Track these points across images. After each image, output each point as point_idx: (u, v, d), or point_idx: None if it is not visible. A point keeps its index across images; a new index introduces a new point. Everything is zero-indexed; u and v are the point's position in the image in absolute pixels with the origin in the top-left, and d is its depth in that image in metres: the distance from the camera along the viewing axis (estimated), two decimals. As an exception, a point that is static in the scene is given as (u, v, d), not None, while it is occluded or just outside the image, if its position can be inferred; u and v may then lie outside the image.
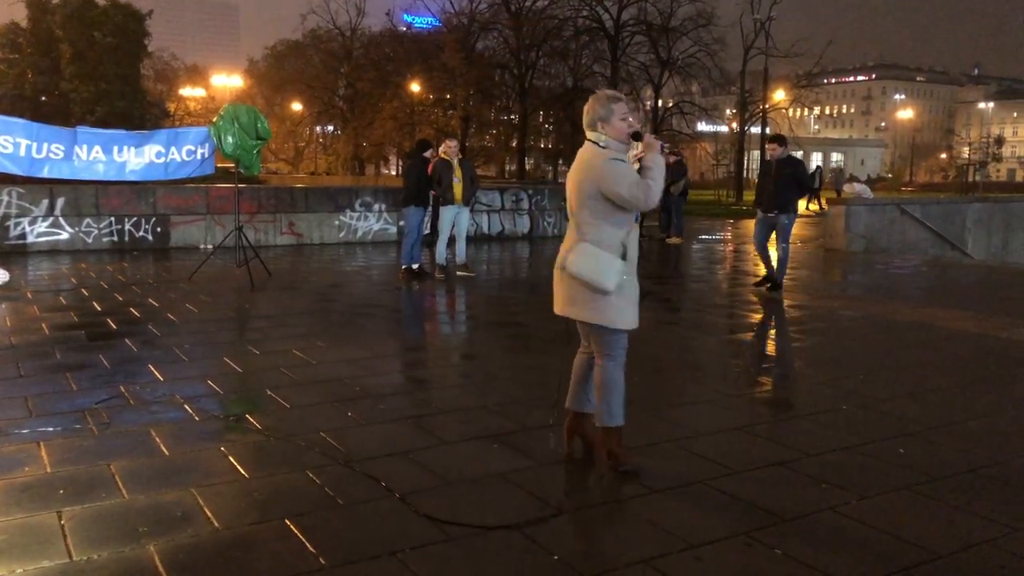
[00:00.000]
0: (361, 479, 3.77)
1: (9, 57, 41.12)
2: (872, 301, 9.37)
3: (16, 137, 9.12)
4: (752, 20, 44.34)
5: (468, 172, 10.60)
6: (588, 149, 3.77)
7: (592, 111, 3.77)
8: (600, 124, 3.75)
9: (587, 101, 3.81)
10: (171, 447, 4.16)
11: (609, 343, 3.81)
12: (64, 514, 3.34)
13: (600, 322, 3.75)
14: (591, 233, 3.71)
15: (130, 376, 5.52)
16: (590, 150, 3.76)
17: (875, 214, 16.02)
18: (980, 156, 73.79)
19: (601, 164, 3.67)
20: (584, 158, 3.77)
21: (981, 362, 6.42)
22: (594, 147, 3.76)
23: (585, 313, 3.77)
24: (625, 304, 3.75)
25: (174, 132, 10.54)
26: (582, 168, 3.74)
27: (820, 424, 4.73)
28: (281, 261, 12.35)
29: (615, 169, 3.65)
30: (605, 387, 3.84)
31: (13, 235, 12.83)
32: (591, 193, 3.69)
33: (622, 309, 3.74)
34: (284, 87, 60.16)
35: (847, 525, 3.37)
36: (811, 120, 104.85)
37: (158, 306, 8.29)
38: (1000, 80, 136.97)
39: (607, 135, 3.74)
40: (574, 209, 3.78)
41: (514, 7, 45.76)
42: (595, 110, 3.76)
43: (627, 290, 3.74)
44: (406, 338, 7.45)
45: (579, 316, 3.80)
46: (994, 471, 4.01)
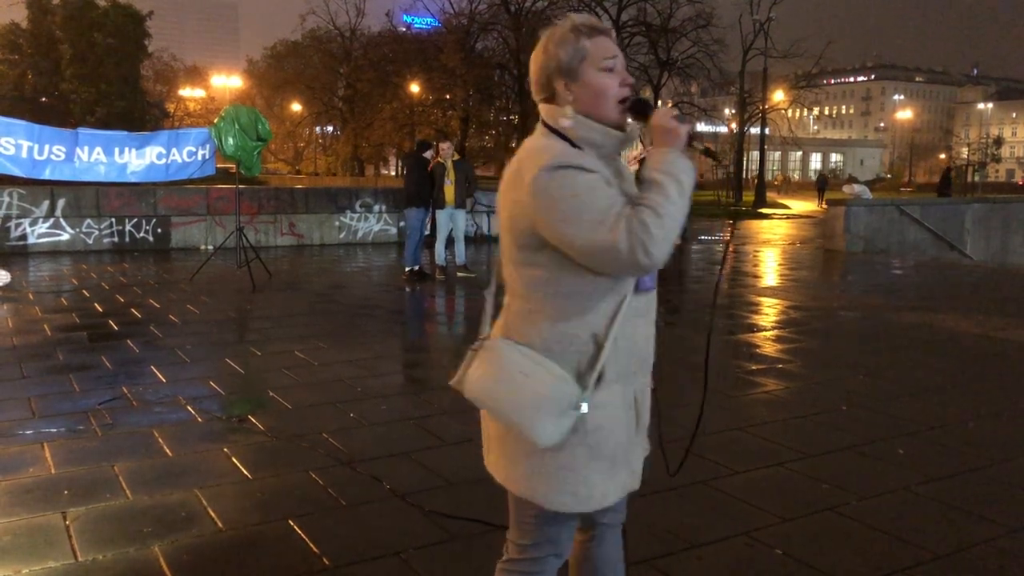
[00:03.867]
0: (364, 479, 3.79)
1: (9, 58, 41.18)
2: (871, 302, 9.39)
3: (17, 139, 9.16)
4: (751, 21, 44.38)
5: (464, 173, 10.62)
6: (522, 149, 1.84)
7: (547, 59, 1.84)
8: (565, 84, 1.82)
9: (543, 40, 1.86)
10: (174, 448, 4.18)
11: (528, 528, 1.94)
12: (69, 515, 3.36)
13: (525, 494, 1.88)
14: (528, 317, 1.85)
15: (132, 377, 5.54)
16: (532, 145, 1.84)
17: (874, 215, 16.04)
18: (979, 157, 73.86)
19: (535, 178, 1.73)
20: (508, 171, 1.83)
21: (980, 363, 6.45)
22: (535, 142, 1.85)
23: (510, 472, 1.91)
24: (583, 463, 1.83)
25: (175, 133, 10.57)
26: (505, 189, 1.83)
27: (819, 425, 4.76)
28: (282, 262, 12.37)
29: (561, 188, 1.71)
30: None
31: (14, 236, 12.85)
32: (527, 240, 1.79)
33: (572, 473, 1.83)
34: (283, 88, 60.25)
35: (847, 525, 3.39)
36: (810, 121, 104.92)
37: (159, 307, 8.31)
38: (999, 80, 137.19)
39: (573, 106, 1.81)
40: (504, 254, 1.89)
41: (513, 8, 45.81)
42: (554, 56, 1.82)
43: (592, 438, 1.82)
44: (407, 339, 7.47)
45: (497, 475, 1.96)
46: (993, 471, 4.03)
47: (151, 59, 50.01)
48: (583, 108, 1.80)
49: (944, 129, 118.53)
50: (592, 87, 1.80)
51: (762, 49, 43.37)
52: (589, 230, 1.67)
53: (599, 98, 1.80)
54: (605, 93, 1.80)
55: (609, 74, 1.81)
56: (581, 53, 1.80)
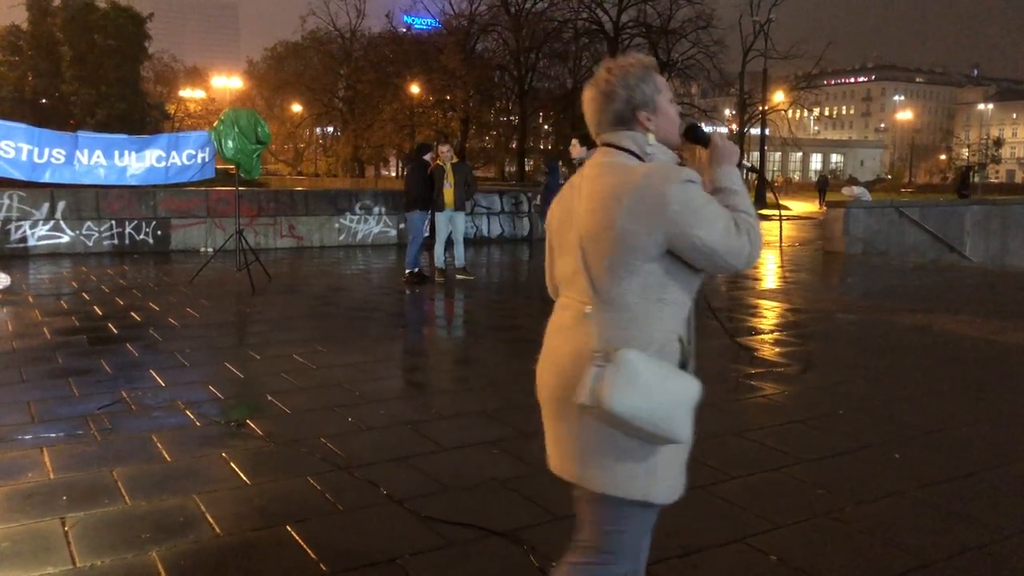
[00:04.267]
0: (361, 485, 3.80)
1: (10, 59, 41.24)
2: (870, 304, 9.40)
3: (18, 142, 9.18)
4: (751, 22, 44.42)
5: (463, 176, 10.64)
6: (618, 168, 2.03)
7: (630, 93, 2.04)
8: (644, 115, 2.05)
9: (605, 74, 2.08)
10: (173, 453, 4.19)
11: (622, 530, 2.08)
12: (67, 520, 3.37)
13: (631, 494, 2.00)
14: (632, 326, 1.97)
15: (132, 381, 5.56)
16: (626, 169, 2.01)
17: (874, 216, 16.06)
18: (979, 158, 73.90)
19: (671, 191, 1.93)
20: (616, 185, 1.99)
21: (979, 366, 6.46)
22: (627, 162, 2.04)
23: (608, 478, 2.00)
24: (679, 454, 2.06)
25: (175, 137, 10.60)
26: (617, 202, 1.96)
27: (817, 429, 4.77)
28: (281, 264, 12.39)
29: (697, 199, 1.96)
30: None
31: (14, 238, 12.87)
32: (645, 250, 1.95)
33: (669, 467, 2.03)
34: (284, 88, 60.33)
35: (842, 530, 3.41)
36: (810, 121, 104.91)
37: (159, 310, 8.33)
38: (999, 81, 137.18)
39: (655, 134, 2.07)
40: (591, 276, 2.01)
41: (514, 9, 45.90)
42: (637, 90, 2.04)
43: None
44: (406, 343, 7.49)
45: (592, 484, 2.03)
46: (989, 476, 4.05)
47: (151, 60, 50.08)
48: (659, 135, 2.08)
49: (944, 130, 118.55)
50: (667, 116, 2.08)
51: (762, 50, 43.37)
52: (724, 234, 1.96)
53: (671, 126, 2.10)
54: (674, 122, 2.10)
55: (672, 105, 2.11)
56: (658, 87, 2.08)
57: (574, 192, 2.10)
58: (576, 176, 2.15)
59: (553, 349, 2.10)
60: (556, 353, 2.08)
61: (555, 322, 2.14)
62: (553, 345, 2.11)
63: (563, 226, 2.12)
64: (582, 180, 2.09)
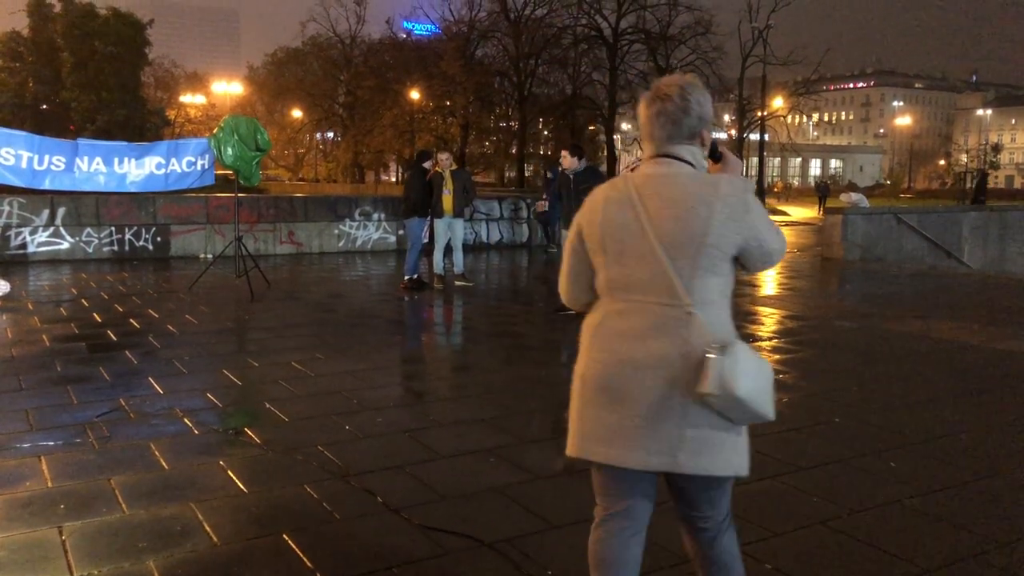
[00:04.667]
0: (358, 493, 3.81)
1: (10, 66, 41.31)
2: (868, 311, 9.42)
3: (17, 149, 9.20)
4: (750, 28, 44.59)
5: (462, 182, 10.66)
6: (692, 177, 2.23)
7: (704, 112, 2.26)
8: (705, 131, 2.28)
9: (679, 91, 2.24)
10: (170, 461, 4.20)
11: (727, 499, 2.38)
12: (65, 529, 3.38)
13: (737, 471, 2.29)
14: (719, 321, 2.20)
15: (130, 389, 5.57)
16: (704, 178, 2.24)
17: (872, 223, 16.08)
18: (978, 163, 73.97)
19: (750, 198, 2.21)
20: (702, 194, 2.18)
21: (976, 374, 6.47)
22: (691, 172, 2.25)
23: (711, 461, 2.22)
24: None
25: (174, 144, 10.62)
26: (707, 208, 2.15)
27: (813, 437, 4.78)
28: (281, 271, 12.40)
29: (761, 206, 2.25)
30: (730, 567, 2.41)
31: (14, 245, 12.89)
32: (727, 252, 2.18)
33: (747, 446, 2.34)
34: (284, 94, 60.44)
35: (837, 540, 3.42)
36: (810, 127, 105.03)
37: (158, 317, 8.34)
38: (998, 87, 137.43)
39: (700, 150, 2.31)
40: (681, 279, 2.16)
41: (513, 15, 46.00)
42: (704, 106, 2.26)
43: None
44: (404, 350, 7.50)
45: (699, 468, 2.21)
46: (985, 485, 4.06)
47: (152, 66, 50.17)
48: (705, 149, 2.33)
49: (943, 135, 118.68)
50: (710, 135, 2.30)
51: (761, 56, 43.53)
52: (777, 237, 2.25)
53: (708, 143, 2.32)
54: (707, 143, 2.32)
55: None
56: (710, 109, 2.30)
57: (635, 201, 2.21)
58: (621, 187, 2.27)
59: (639, 341, 2.18)
60: (650, 342, 2.17)
61: (626, 328, 2.21)
62: (638, 335, 2.19)
63: (622, 232, 2.21)
64: (641, 189, 2.22)
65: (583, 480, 4.01)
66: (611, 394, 2.21)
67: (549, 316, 8.93)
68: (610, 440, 2.22)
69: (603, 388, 2.23)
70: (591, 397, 2.26)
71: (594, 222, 2.28)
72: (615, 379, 2.20)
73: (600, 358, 2.25)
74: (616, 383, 2.20)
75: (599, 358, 2.25)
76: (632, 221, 2.20)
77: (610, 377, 2.21)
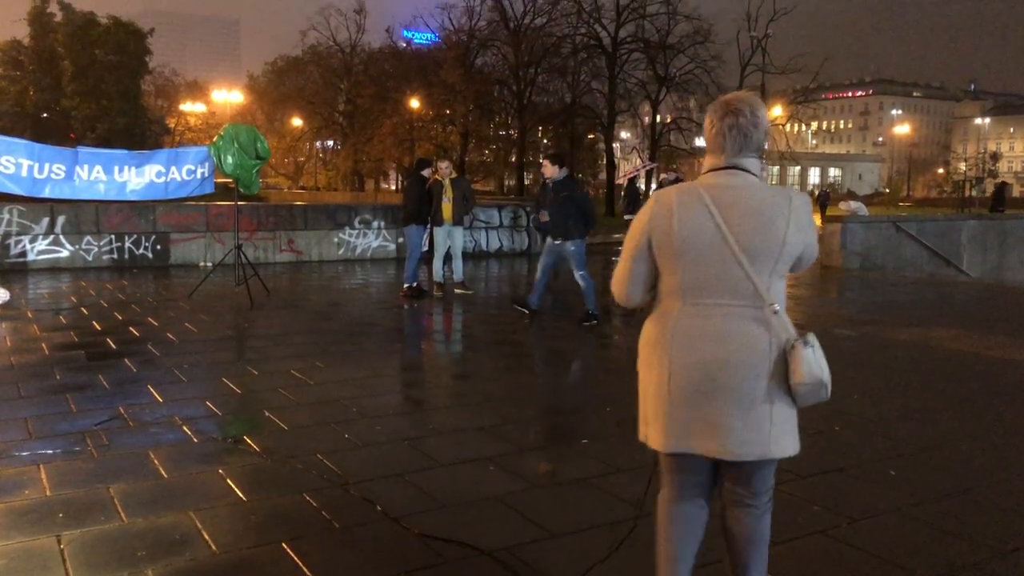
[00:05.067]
0: (357, 502, 3.81)
1: (11, 74, 41.39)
2: (867, 320, 9.42)
3: (18, 158, 9.21)
4: (749, 37, 44.75)
5: (461, 190, 10.68)
6: (764, 188, 2.43)
7: (765, 123, 2.46)
8: (766, 145, 2.50)
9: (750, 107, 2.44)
10: (170, 470, 4.20)
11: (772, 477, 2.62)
12: (63, 538, 3.38)
13: (794, 451, 2.54)
14: (787, 318, 2.45)
15: (129, 397, 5.57)
16: (775, 189, 2.46)
17: (871, 231, 16.11)
18: (976, 172, 74.10)
19: (809, 210, 2.44)
20: (770, 200, 2.39)
21: (976, 382, 6.47)
22: (758, 183, 2.44)
23: (788, 444, 2.50)
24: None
25: (174, 152, 10.64)
26: (784, 214, 2.37)
27: (812, 446, 4.77)
28: (280, 279, 12.41)
29: (813, 220, 2.51)
30: (765, 543, 2.63)
31: (14, 253, 12.90)
32: (793, 258, 2.43)
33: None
34: (284, 102, 60.61)
35: (837, 548, 3.41)
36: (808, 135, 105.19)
37: (157, 325, 8.34)
38: (996, 96, 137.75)
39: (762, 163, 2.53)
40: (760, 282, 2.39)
41: (513, 24, 46.12)
42: (765, 121, 2.46)
43: None
44: (404, 358, 7.49)
45: (782, 452, 2.48)
46: (984, 494, 4.05)
47: (152, 75, 50.32)
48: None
49: (942, 144, 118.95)
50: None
51: (760, 65, 43.74)
52: (818, 245, 2.53)
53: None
54: None
55: None
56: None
57: (712, 210, 2.37)
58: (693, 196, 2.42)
59: (727, 341, 2.38)
60: (738, 341, 2.38)
61: (710, 329, 2.40)
62: (724, 336, 2.38)
63: (700, 238, 2.37)
64: (719, 200, 2.39)
65: (581, 489, 4.01)
66: (708, 392, 2.39)
67: (548, 325, 8.93)
68: (708, 434, 2.41)
69: (695, 388, 2.40)
70: (682, 397, 2.42)
71: (669, 229, 2.40)
72: (707, 379, 2.38)
73: (687, 360, 2.41)
74: (708, 383, 2.38)
75: (686, 360, 2.41)
76: (711, 229, 2.36)
77: (702, 377, 2.39)
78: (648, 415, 2.54)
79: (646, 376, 2.55)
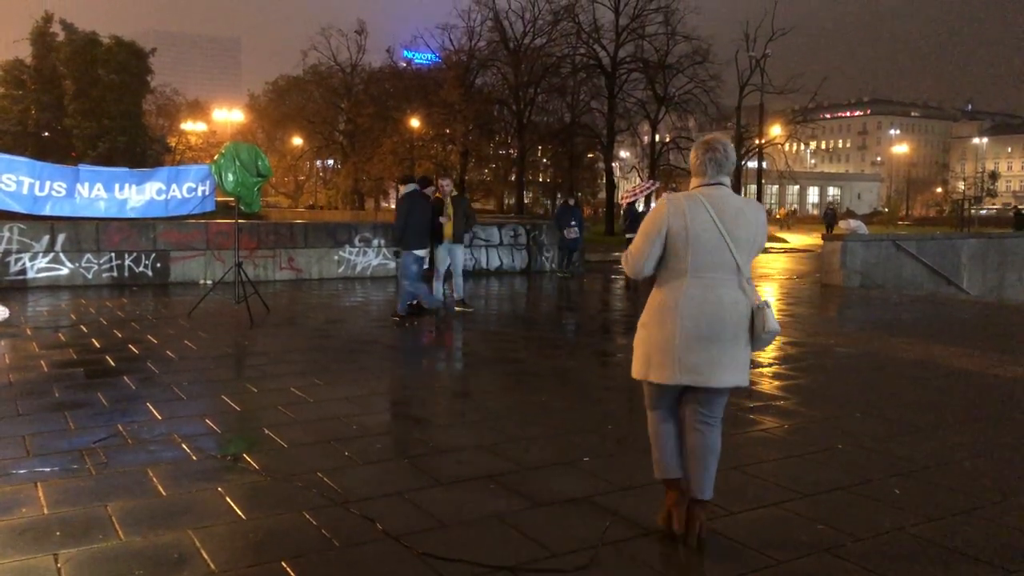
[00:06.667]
0: (357, 520, 3.77)
1: (13, 93, 41.55)
2: (868, 338, 9.40)
3: (19, 175, 9.21)
4: (747, 57, 45.01)
5: (462, 209, 10.67)
6: (742, 198, 3.52)
7: (732, 156, 3.52)
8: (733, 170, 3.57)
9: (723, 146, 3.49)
10: (168, 487, 4.16)
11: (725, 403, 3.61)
12: (60, 556, 3.34)
13: (746, 383, 3.54)
14: (753, 287, 3.46)
15: (128, 415, 5.54)
16: (748, 199, 3.60)
17: (871, 250, 16.11)
18: (975, 191, 74.28)
19: (764, 212, 3.55)
20: (747, 207, 3.47)
21: (978, 400, 6.44)
22: (732, 193, 3.51)
23: (743, 375, 3.48)
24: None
25: (175, 170, 10.64)
26: (757, 217, 3.47)
27: (816, 463, 4.75)
28: (280, 297, 12.39)
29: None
30: (716, 455, 3.55)
31: (14, 270, 12.89)
32: (761, 244, 3.52)
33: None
34: (285, 122, 60.77)
35: (842, 567, 3.38)
36: (807, 155, 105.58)
37: (157, 343, 8.31)
38: (993, 115, 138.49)
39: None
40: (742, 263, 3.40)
41: (512, 44, 46.37)
42: (733, 153, 3.54)
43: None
44: (404, 375, 7.46)
45: (742, 380, 3.47)
46: (989, 511, 4.02)
47: (153, 94, 50.48)
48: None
49: (940, 163, 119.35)
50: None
51: (758, 85, 43.91)
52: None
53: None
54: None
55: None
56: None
57: (710, 211, 3.37)
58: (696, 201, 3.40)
59: (724, 304, 3.37)
60: (730, 304, 3.38)
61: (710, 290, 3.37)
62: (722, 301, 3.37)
63: (706, 232, 3.36)
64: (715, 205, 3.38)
65: (582, 508, 3.98)
66: (709, 339, 3.36)
67: (548, 343, 8.89)
68: (704, 369, 3.39)
69: (703, 336, 3.36)
70: (689, 344, 3.37)
71: (684, 225, 3.37)
72: (712, 329, 3.36)
73: (699, 315, 3.36)
74: (712, 332, 3.36)
75: (698, 315, 3.36)
76: (709, 224, 3.36)
77: (709, 327, 3.36)
78: (652, 360, 3.49)
79: (656, 332, 3.47)
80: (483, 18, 46.86)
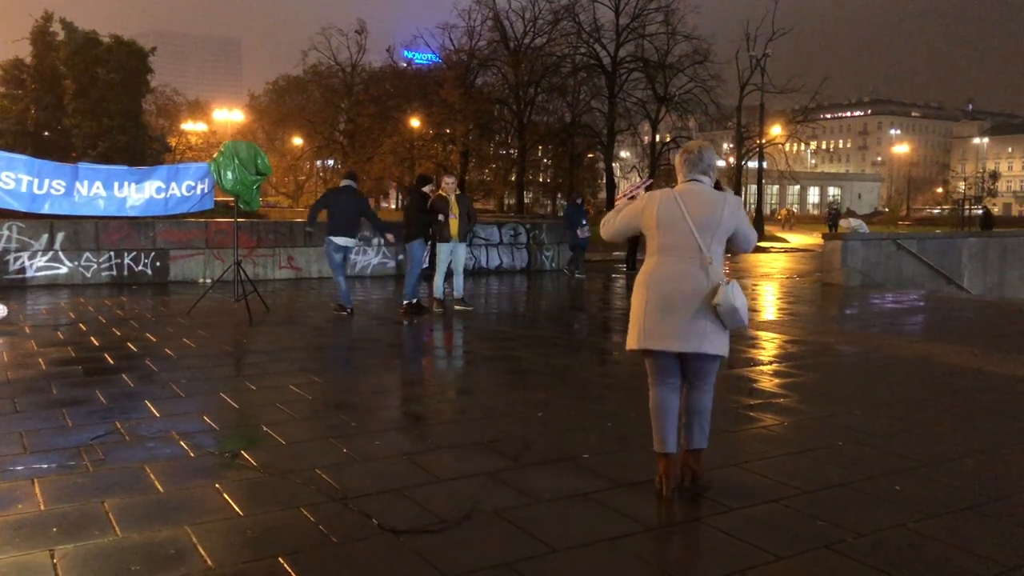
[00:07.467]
0: (355, 516, 3.75)
1: (13, 92, 41.49)
2: (869, 336, 9.38)
3: (18, 173, 9.20)
4: (748, 57, 44.96)
5: (465, 208, 10.67)
6: (711, 190, 3.99)
7: (707, 158, 4.04)
8: (710, 172, 4.05)
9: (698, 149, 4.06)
10: (166, 484, 4.15)
11: (715, 372, 4.08)
12: (57, 553, 3.32)
13: (724, 353, 3.99)
14: (720, 270, 3.91)
15: (126, 412, 5.52)
16: (715, 191, 4.01)
17: (871, 248, 16.09)
18: (975, 191, 74.24)
19: (738, 203, 4.03)
20: (714, 196, 3.96)
21: (979, 397, 6.43)
22: (711, 188, 4.02)
23: (715, 346, 3.92)
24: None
25: (174, 168, 10.62)
26: (722, 204, 3.94)
27: (816, 461, 4.73)
28: (279, 295, 12.38)
29: (745, 214, 4.11)
30: (709, 412, 4.09)
31: (12, 269, 12.88)
32: (728, 232, 3.97)
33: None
34: (285, 122, 60.69)
35: (842, 564, 3.36)
36: (808, 155, 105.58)
37: (156, 341, 8.30)
38: (994, 115, 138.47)
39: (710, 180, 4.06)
40: (705, 245, 3.88)
41: (513, 44, 46.36)
42: (709, 157, 4.05)
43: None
44: (403, 373, 7.45)
45: (710, 350, 3.91)
46: (990, 508, 4.00)
47: (153, 94, 50.41)
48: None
49: (940, 163, 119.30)
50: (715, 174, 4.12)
51: (759, 84, 43.86)
52: (752, 232, 4.10)
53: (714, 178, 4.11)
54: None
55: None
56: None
57: (679, 202, 3.94)
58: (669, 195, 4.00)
59: (682, 279, 3.89)
60: (687, 280, 3.88)
61: (671, 267, 3.93)
62: (680, 276, 3.90)
63: (672, 218, 3.92)
64: (684, 196, 3.96)
65: (583, 504, 3.96)
66: (667, 310, 3.89)
67: (548, 340, 8.88)
68: (664, 336, 3.91)
69: (662, 307, 3.90)
70: (654, 313, 3.91)
71: (653, 212, 3.97)
72: (668, 300, 3.89)
73: (659, 289, 3.92)
74: (669, 303, 3.88)
75: (659, 289, 3.92)
76: (677, 212, 3.92)
77: (666, 299, 3.89)
78: (631, 328, 4.04)
79: (633, 304, 4.04)
80: (483, 18, 46.87)
